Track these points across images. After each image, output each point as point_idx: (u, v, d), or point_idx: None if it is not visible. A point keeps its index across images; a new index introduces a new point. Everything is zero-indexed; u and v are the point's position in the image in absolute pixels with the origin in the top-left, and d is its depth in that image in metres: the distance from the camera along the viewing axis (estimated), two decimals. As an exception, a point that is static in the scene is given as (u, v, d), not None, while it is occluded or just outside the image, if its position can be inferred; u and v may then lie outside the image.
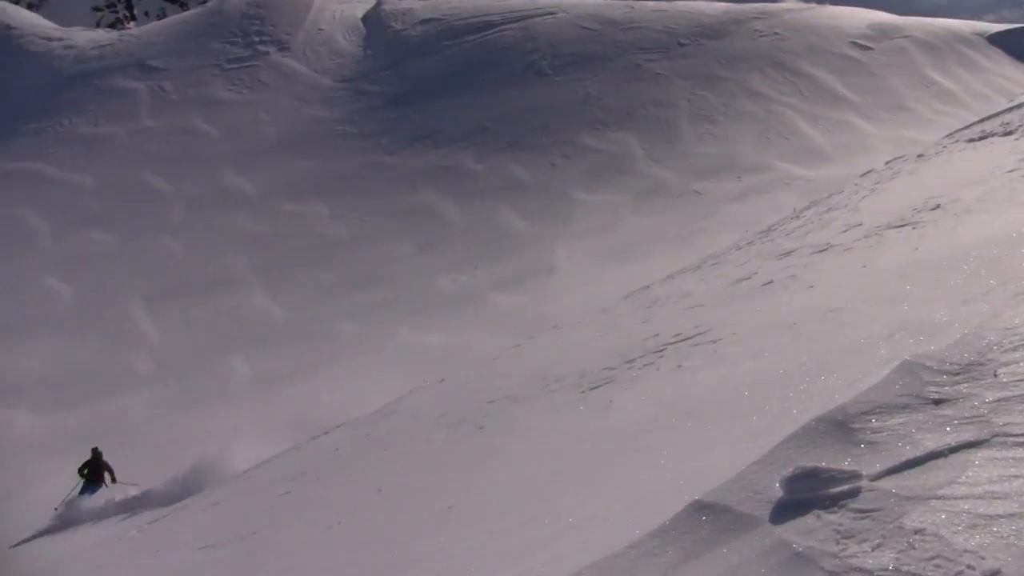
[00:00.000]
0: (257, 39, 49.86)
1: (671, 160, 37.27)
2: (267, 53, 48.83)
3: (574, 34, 45.47)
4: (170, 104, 46.29)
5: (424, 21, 49.04)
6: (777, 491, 4.15)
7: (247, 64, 48.27)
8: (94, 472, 23.11)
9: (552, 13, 46.81)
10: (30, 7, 61.40)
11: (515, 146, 39.13)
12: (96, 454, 23.30)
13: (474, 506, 8.38)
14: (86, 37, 52.87)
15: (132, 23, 64.35)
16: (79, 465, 23.02)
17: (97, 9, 75.19)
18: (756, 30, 44.88)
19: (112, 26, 58.27)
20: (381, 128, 42.08)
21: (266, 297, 32.48)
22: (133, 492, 21.55)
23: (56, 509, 21.83)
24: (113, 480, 22.98)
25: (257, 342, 29.71)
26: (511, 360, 16.15)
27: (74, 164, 42.90)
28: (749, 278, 13.78)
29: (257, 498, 13.62)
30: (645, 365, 10.86)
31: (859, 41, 44.55)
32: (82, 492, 22.73)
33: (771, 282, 12.70)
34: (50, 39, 51.99)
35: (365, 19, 50.95)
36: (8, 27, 52.88)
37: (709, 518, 4.16)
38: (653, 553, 4.14)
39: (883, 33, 45.21)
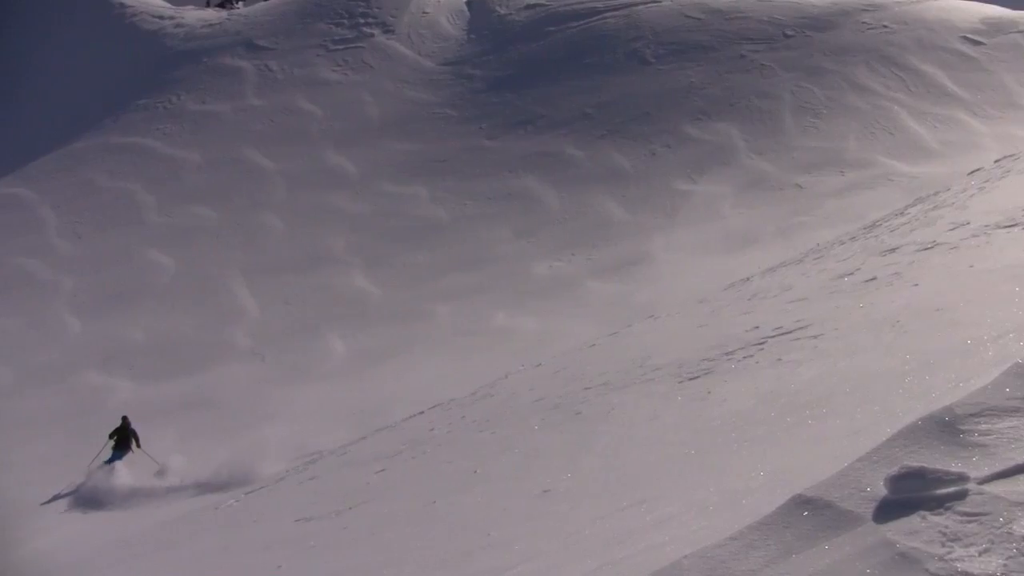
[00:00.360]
0: (362, 21, 50.26)
1: (773, 153, 36.89)
2: (372, 35, 49.22)
3: (678, 23, 45.20)
4: (275, 83, 46.91)
5: (528, 6, 49.07)
6: (881, 490, 4.13)
7: (352, 45, 48.69)
8: (123, 438, 24.39)
9: (657, 1, 46.54)
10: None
11: (616, 134, 39.03)
12: (125, 422, 24.54)
13: (570, 491, 8.43)
14: (196, 16, 53.75)
15: (240, 3, 65.15)
16: (111, 431, 24.25)
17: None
18: (864, 23, 44.19)
19: (221, 6, 59.08)
20: (483, 112, 42.24)
21: (364, 276, 32.82)
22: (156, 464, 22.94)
23: (89, 468, 23.10)
24: (138, 446, 24.25)
25: (353, 320, 30.02)
26: (608, 347, 16.17)
27: (181, 140, 43.71)
28: (852, 274, 13.64)
29: (353, 474, 13.82)
30: (744, 357, 10.83)
31: (970, 36, 43.66)
32: (111, 456, 23.98)
33: (874, 278, 12.56)
34: (162, 18, 52.97)
35: (470, 3, 51.12)
36: (122, 5, 53.98)
37: (811, 513, 4.15)
38: (753, 546, 4.14)
39: (996, 28, 44.22)
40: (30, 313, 33.77)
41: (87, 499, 22.28)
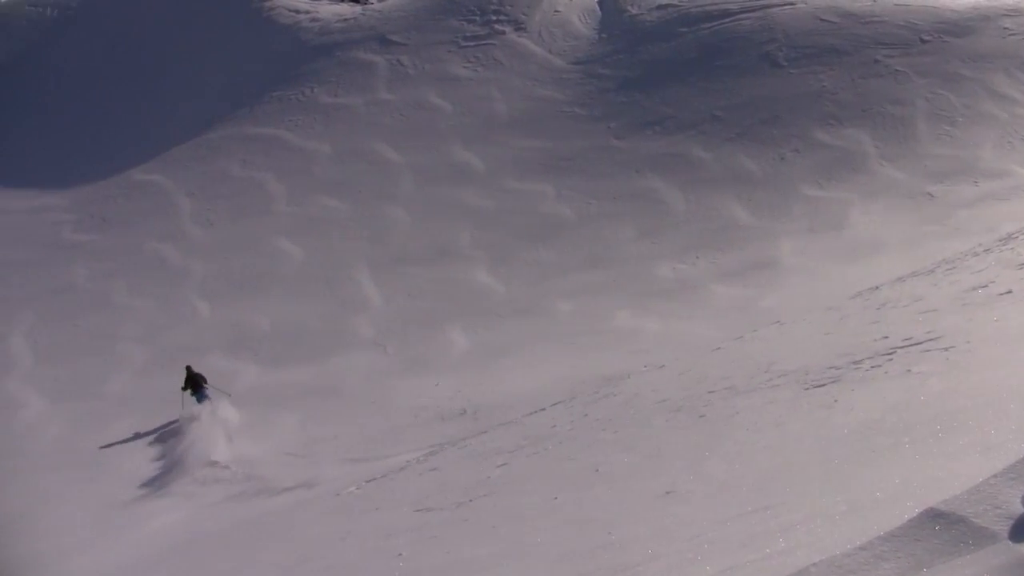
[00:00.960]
0: (494, 18, 50.52)
1: (905, 160, 36.18)
2: (503, 32, 49.43)
3: (812, 26, 44.55)
4: (407, 78, 47.41)
5: (660, 7, 48.81)
6: (1018, 507, 4.09)
7: (483, 42, 48.98)
8: (194, 384, 27.06)
9: (791, 4, 45.93)
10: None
11: (745, 137, 38.63)
12: (189, 370, 27.25)
13: (693, 493, 8.45)
14: (331, 10, 54.47)
15: (374, -2, 65.88)
16: (181, 385, 26.94)
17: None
18: (1006, 28, 43.06)
19: (356, 1, 59.82)
20: (611, 112, 42.15)
21: (487, 272, 33.00)
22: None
23: (178, 418, 26.02)
24: (205, 382, 27.04)
25: (476, 315, 30.22)
26: (733, 351, 16.07)
27: (312, 132, 44.43)
28: (986, 286, 13.39)
29: (474, 467, 13.96)
30: (872, 367, 10.71)
31: (1118, 45, 42.26)
32: (198, 402, 26.59)
33: (1009, 292, 12.32)
34: (297, 11, 53.86)
35: (601, 2, 51.00)
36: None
37: (943, 528, 4.12)
38: (883, 557, 4.14)
39: None
40: (162, 296, 34.70)
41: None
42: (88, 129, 50.74)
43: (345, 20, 52.49)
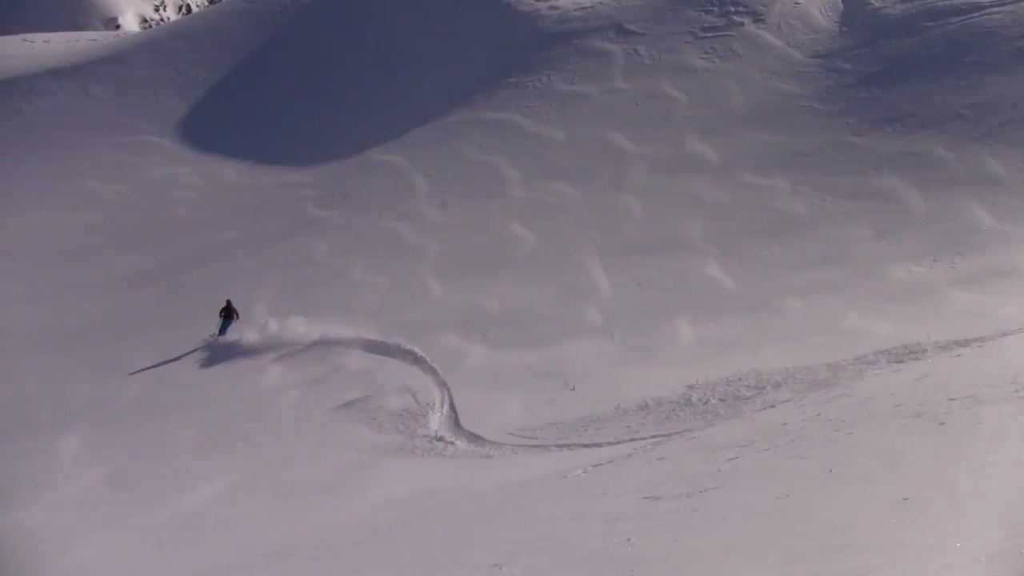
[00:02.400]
0: (733, 9, 50.00)
1: None
2: (742, 24, 48.88)
3: (1070, 22, 42.60)
4: (643, 67, 47.45)
5: (905, 0, 47.52)
6: None
7: (721, 33, 48.56)
8: (228, 314, 34.08)
9: (1048, -2, 44.00)
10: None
11: (991, 137, 37.21)
12: (228, 303, 34.26)
13: (932, 502, 8.35)
14: (570, -1, 55.06)
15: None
16: (220, 310, 34.14)
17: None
18: None
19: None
20: (850, 107, 41.21)
21: (717, 265, 32.79)
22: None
23: (209, 336, 33.80)
24: (238, 317, 34.13)
25: (704, 308, 30.07)
26: (975, 359, 15.66)
27: (548, 119, 44.98)
28: None
29: (703, 459, 14.05)
30: None
31: None
32: (221, 327, 33.98)
33: None
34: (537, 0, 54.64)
35: (844, -6, 49.97)
36: (503, -14, 56.05)
37: None
38: None
39: None
40: (397, 274, 35.82)
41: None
42: (331, 110, 52.74)
43: (583, 8, 52.86)
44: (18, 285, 42.11)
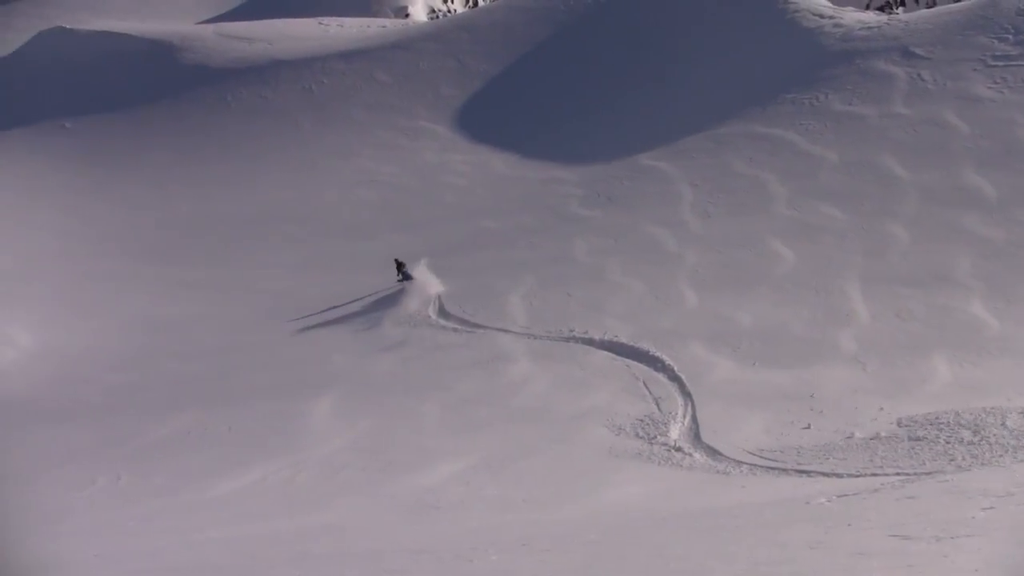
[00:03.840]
0: (1029, 39, 48.00)
1: None
2: (1037, 55, 46.94)
3: None
4: (925, 93, 46.00)
5: None
6: None
7: (1013, 63, 46.57)
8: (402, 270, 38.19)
9: None
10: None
11: None
12: (398, 262, 38.69)
13: None
14: (855, 18, 53.68)
15: (900, 8, 64.46)
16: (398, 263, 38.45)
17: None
18: None
19: (881, 9, 58.78)
20: None
21: (983, 304, 31.57)
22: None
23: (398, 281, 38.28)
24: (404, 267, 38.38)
25: (964, 347, 29.07)
26: None
27: (821, 138, 44.14)
28: None
29: (956, 504, 13.76)
30: None
31: None
32: (402, 280, 37.90)
33: None
34: (821, 16, 53.50)
35: None
36: (785, 1, 55.12)
37: None
38: None
39: None
40: (652, 279, 35.98)
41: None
42: (603, 112, 53.29)
43: (869, 28, 51.66)
44: (303, 253, 44.46)
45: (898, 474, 20.21)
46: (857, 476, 20.36)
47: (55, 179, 55.00)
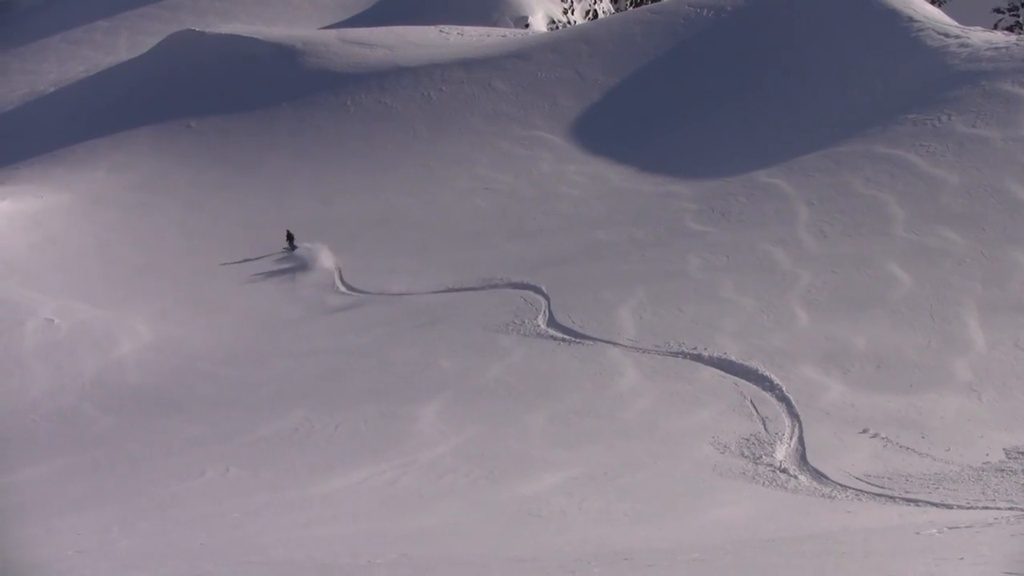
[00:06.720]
0: None
1: None
2: None
3: None
4: (1053, 117, 45.04)
5: None
6: None
7: None
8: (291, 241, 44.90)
9: None
10: (934, 2, 62.25)
11: None
12: (289, 232, 45.65)
13: None
14: (982, 38, 52.63)
15: (1032, 28, 62.97)
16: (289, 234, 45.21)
17: (998, 11, 74.43)
18: None
19: (1010, 29, 57.47)
20: None
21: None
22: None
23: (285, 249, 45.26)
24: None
25: (1085, 381, 28.51)
26: None
27: (943, 160, 43.31)
28: None
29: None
30: None
31: None
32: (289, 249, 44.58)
33: None
34: (947, 35, 52.56)
35: None
36: (911, 19, 54.21)
37: None
38: None
39: None
40: (765, 298, 35.70)
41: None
42: (720, 126, 52.99)
43: (996, 48, 50.61)
44: (420, 259, 44.95)
45: (1012, 508, 19.86)
46: (968, 508, 20.06)
47: (180, 177, 56.48)
